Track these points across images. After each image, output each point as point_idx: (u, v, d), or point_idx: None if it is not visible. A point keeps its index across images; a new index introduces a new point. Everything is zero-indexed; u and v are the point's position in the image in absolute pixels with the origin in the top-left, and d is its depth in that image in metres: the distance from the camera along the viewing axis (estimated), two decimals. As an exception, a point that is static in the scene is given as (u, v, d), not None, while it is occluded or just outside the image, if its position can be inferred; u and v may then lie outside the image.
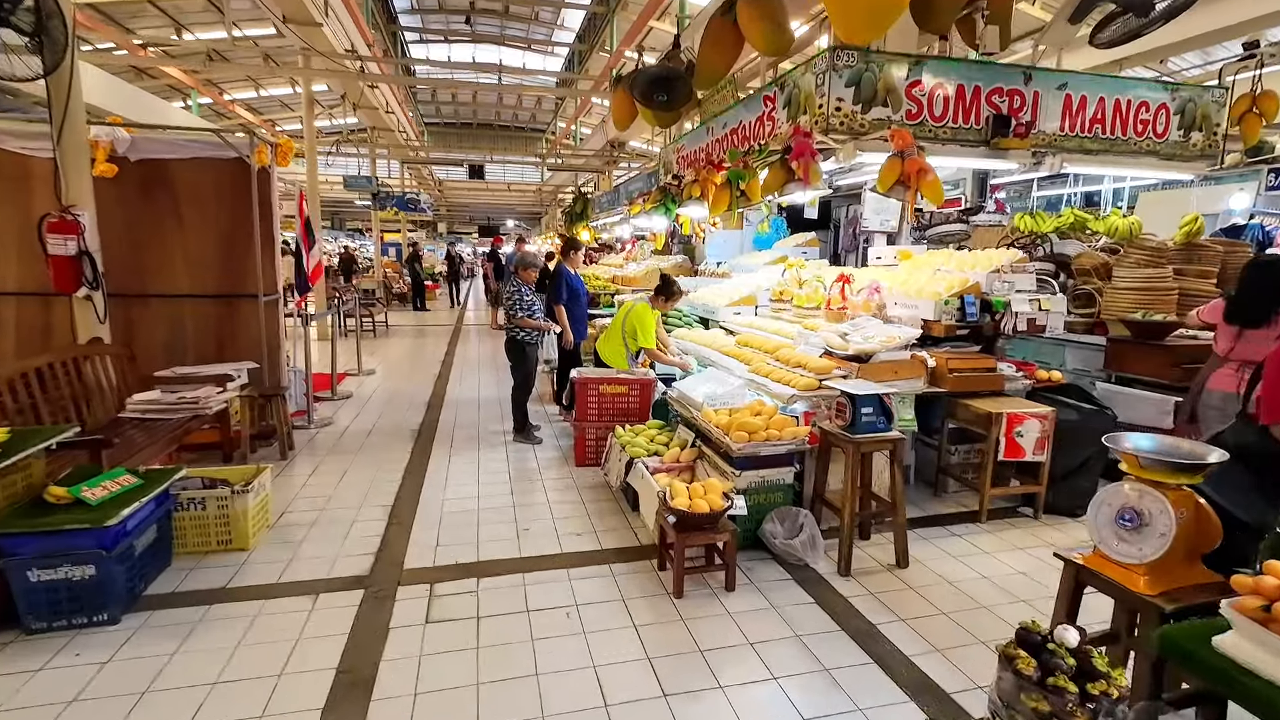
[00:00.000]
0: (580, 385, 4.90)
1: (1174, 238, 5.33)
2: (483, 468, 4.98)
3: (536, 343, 5.67)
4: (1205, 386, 3.68)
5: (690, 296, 6.96)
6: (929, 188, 3.66)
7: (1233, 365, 3.57)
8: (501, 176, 30.59)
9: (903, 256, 5.65)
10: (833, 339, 4.13)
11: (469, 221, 41.77)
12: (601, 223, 11.27)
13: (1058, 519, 4.20)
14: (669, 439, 4.43)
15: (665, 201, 6.00)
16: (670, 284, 5.31)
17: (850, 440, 3.34)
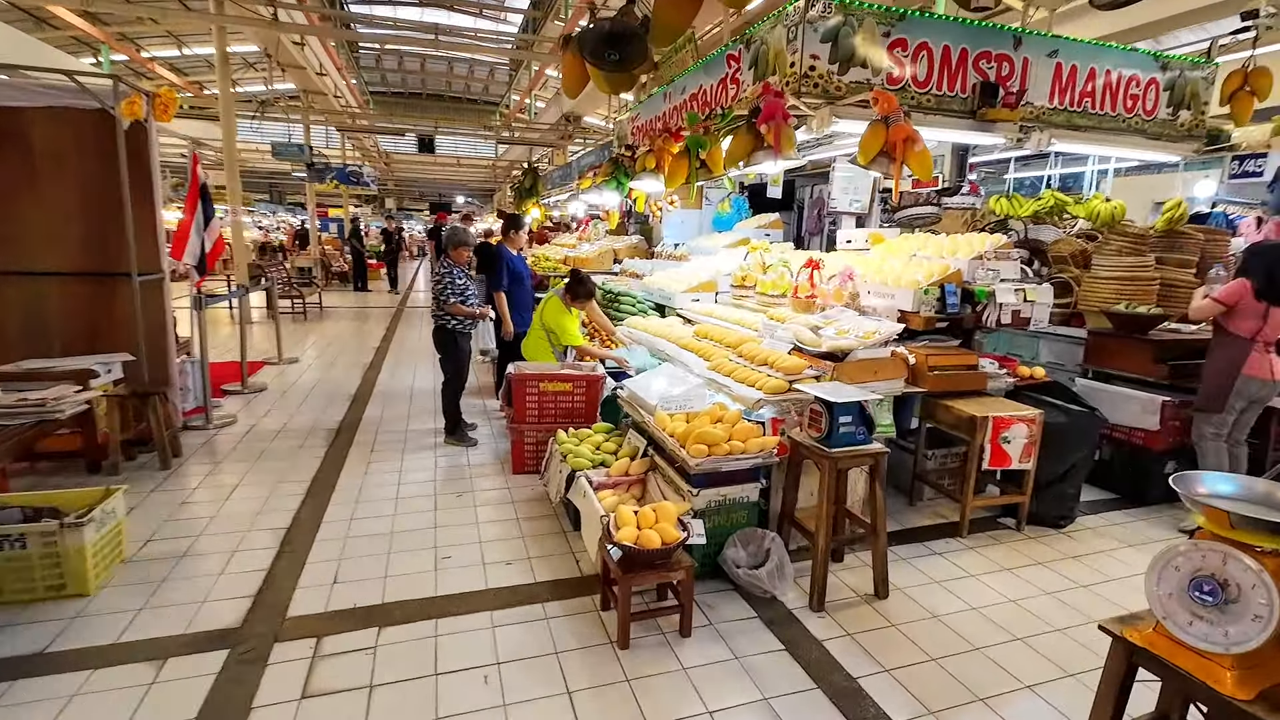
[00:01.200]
0: (517, 383, 4.29)
1: (1155, 224, 5.03)
2: (405, 477, 4.34)
3: (469, 332, 5.01)
4: (1243, 373, 3.64)
5: (645, 281, 6.39)
6: (917, 160, 3.16)
7: (1259, 348, 3.64)
8: (452, 150, 29.23)
9: (874, 240, 5.20)
10: (803, 333, 3.63)
11: (419, 198, 40.06)
12: (553, 200, 10.54)
13: (1041, 531, 3.84)
14: (618, 446, 3.88)
15: (616, 175, 5.38)
16: (580, 282, 4.79)
17: (826, 455, 2.85)
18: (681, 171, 3.79)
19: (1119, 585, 3.22)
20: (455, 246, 4.90)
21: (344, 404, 6.08)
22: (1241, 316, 3.61)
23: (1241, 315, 3.61)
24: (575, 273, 4.89)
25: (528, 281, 5.76)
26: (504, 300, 5.44)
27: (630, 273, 7.24)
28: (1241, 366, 3.64)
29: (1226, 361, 3.69)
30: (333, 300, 13.79)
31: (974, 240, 4.32)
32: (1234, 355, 3.67)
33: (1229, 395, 3.67)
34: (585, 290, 4.78)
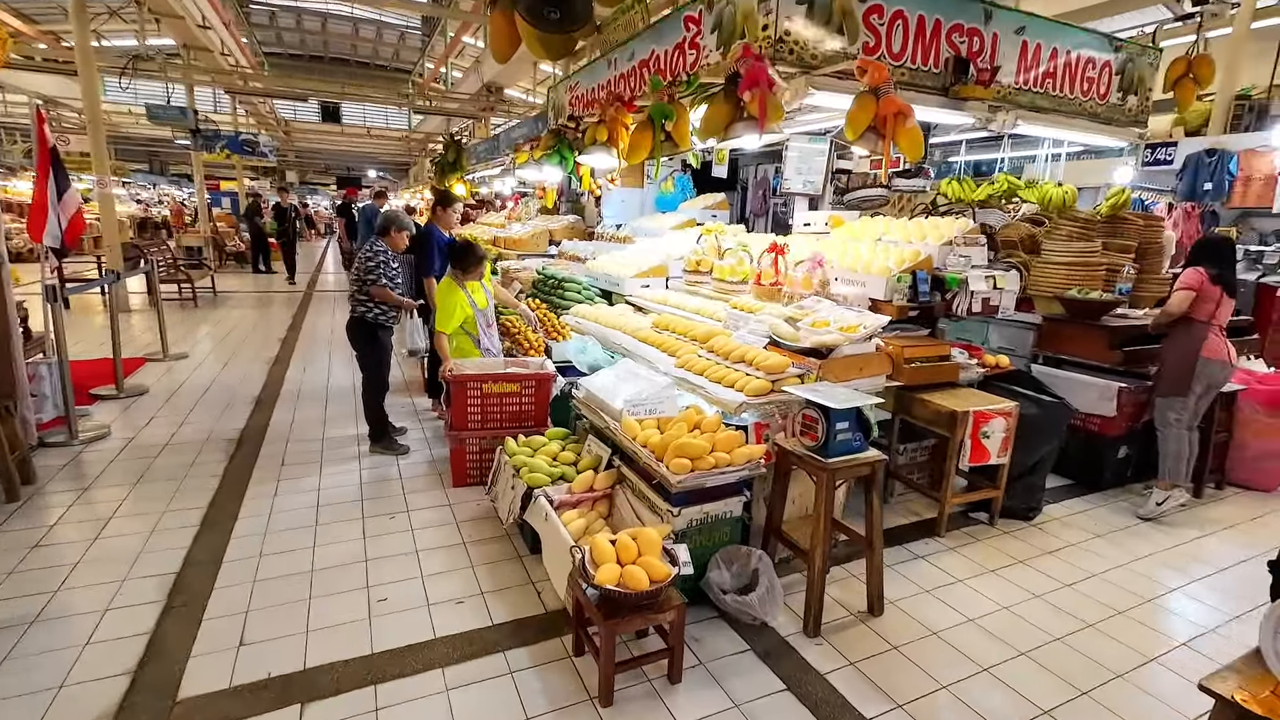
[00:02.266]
0: (456, 386, 3.77)
1: (1099, 209, 5.08)
2: (326, 497, 3.73)
3: (392, 325, 4.40)
4: (1201, 355, 3.72)
5: (590, 265, 5.93)
6: (908, 137, 2.89)
7: (1215, 330, 3.75)
8: (361, 121, 27.21)
9: (835, 223, 4.98)
10: (780, 326, 3.33)
11: (325, 171, 37.26)
12: (479, 175, 9.79)
13: (1012, 524, 3.76)
14: (577, 454, 3.46)
15: (559, 148, 4.87)
16: (468, 251, 4.13)
17: (822, 467, 2.56)
18: (643, 145, 3.35)
19: (1101, 583, 3.15)
20: (398, 230, 4.28)
21: (246, 408, 5.30)
22: (1204, 299, 3.71)
23: (1204, 298, 3.71)
24: (463, 243, 4.24)
25: None
26: (435, 287, 4.84)
27: (571, 256, 6.74)
28: (1200, 349, 3.72)
29: (1186, 345, 3.76)
30: (228, 284, 12.41)
31: (942, 225, 4.16)
32: (1193, 338, 3.75)
33: (1191, 378, 3.73)
34: (474, 258, 4.13)
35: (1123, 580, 3.18)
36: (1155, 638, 2.74)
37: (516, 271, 6.41)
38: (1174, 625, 2.84)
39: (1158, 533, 3.69)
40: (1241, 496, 4.26)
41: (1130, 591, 3.08)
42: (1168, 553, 3.47)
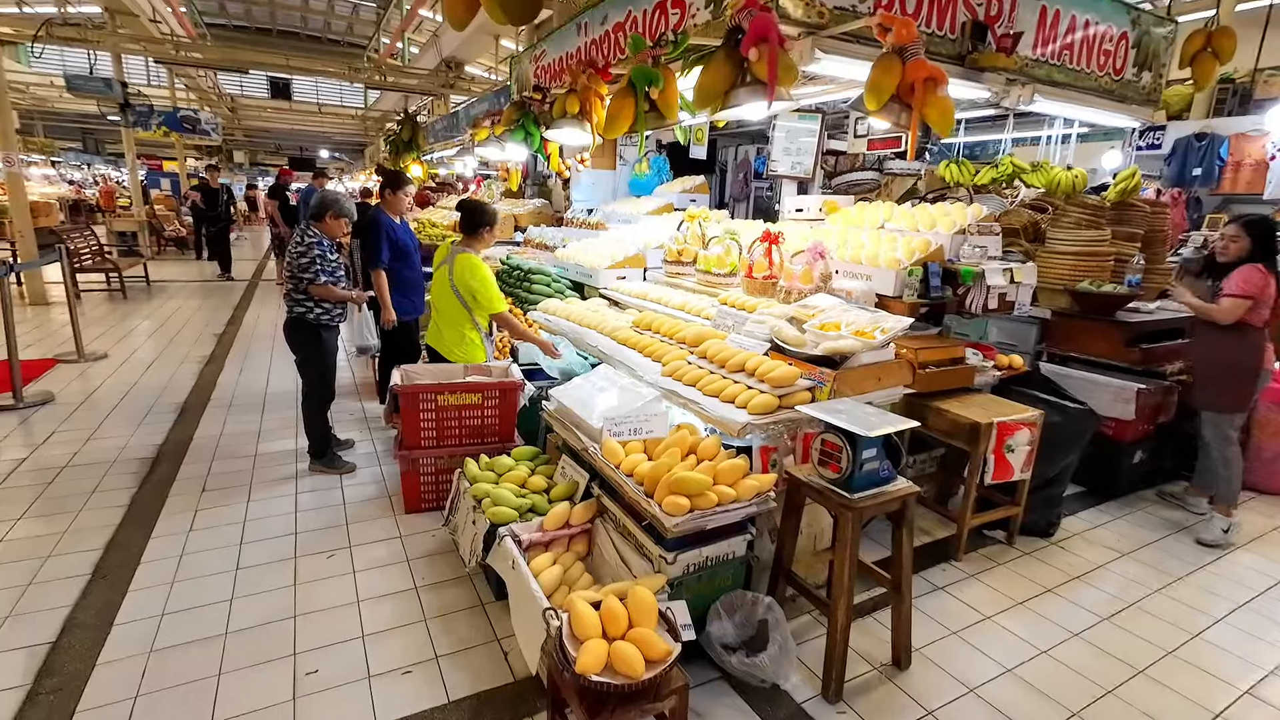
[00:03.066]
0: (406, 398, 3.23)
1: (1106, 195, 4.76)
2: (253, 530, 3.18)
3: (337, 324, 3.83)
4: (1264, 367, 3.45)
5: (559, 254, 5.40)
6: (938, 107, 2.45)
7: (1268, 336, 3.44)
8: (313, 98, 25.80)
9: (830, 209, 4.54)
10: (783, 329, 2.88)
11: (276, 152, 35.43)
12: (437, 155, 9.10)
13: (1031, 542, 3.42)
14: (548, 478, 2.97)
15: (523, 123, 4.31)
16: (482, 212, 3.65)
17: (847, 504, 2.13)
18: (623, 116, 2.84)
19: (1140, 614, 2.82)
20: (334, 216, 3.67)
21: (168, 417, 4.65)
22: (1257, 307, 3.30)
23: (1262, 305, 3.31)
24: (472, 203, 3.74)
25: (416, 256, 4.58)
26: (384, 280, 4.26)
27: (537, 243, 6.19)
28: (1262, 360, 3.43)
29: (1243, 355, 3.41)
30: (166, 272, 11.46)
31: (953, 211, 3.75)
32: (1252, 347, 3.41)
33: (1253, 391, 3.47)
34: (486, 219, 3.66)
35: (1162, 610, 2.85)
36: (1214, 686, 2.40)
37: (479, 261, 5.83)
38: (1229, 667, 2.51)
39: (1184, 548, 3.39)
40: (1257, 501, 4.01)
41: (1174, 625, 2.75)
42: (1201, 573, 3.17)
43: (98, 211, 16.70)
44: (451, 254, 3.63)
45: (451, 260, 3.59)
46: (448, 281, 3.59)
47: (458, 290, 3.58)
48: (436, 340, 3.75)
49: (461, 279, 3.54)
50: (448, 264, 3.61)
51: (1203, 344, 3.59)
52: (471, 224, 3.65)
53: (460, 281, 3.55)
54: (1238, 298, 3.27)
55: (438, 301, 3.73)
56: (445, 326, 3.70)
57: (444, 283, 3.63)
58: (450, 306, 3.66)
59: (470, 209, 3.68)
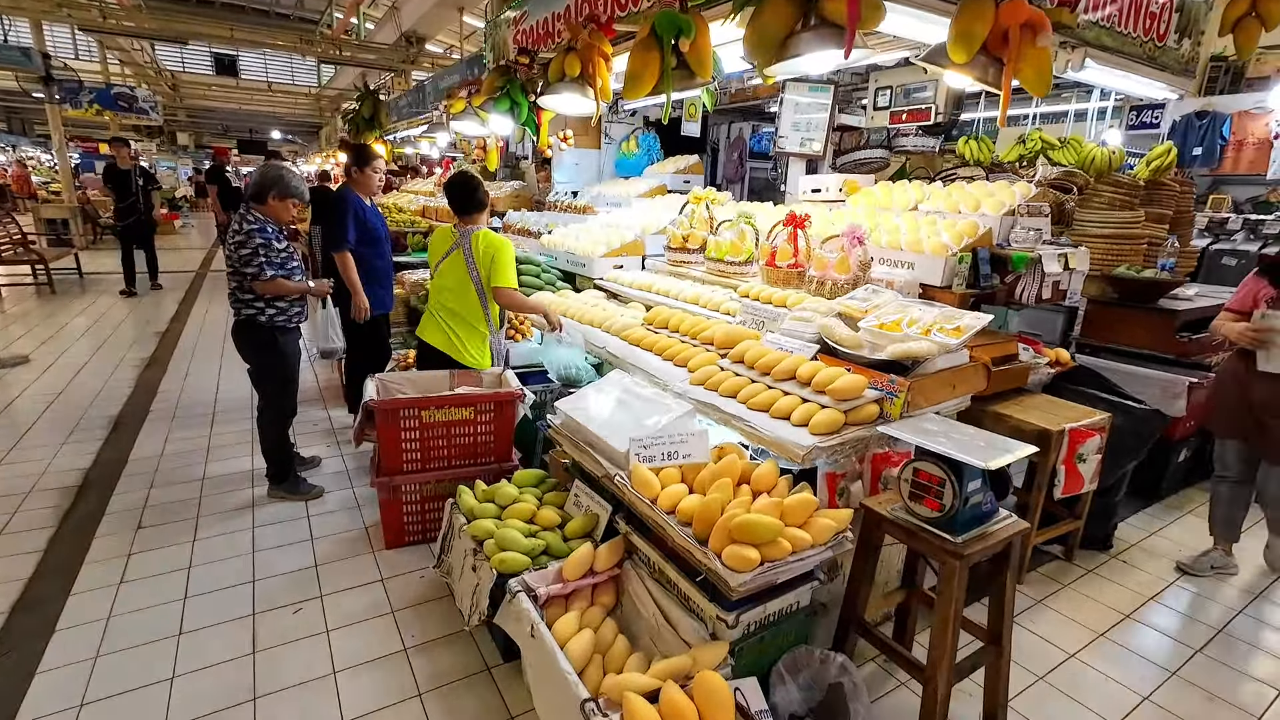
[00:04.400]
0: (384, 415, 2.71)
1: (1135, 172, 4.46)
2: (198, 582, 2.63)
3: (296, 325, 3.27)
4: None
5: (545, 242, 4.89)
6: (1036, 62, 2.03)
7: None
8: (262, 75, 24.32)
9: (850, 188, 4.13)
10: (834, 328, 2.46)
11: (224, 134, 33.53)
12: (401, 135, 8.40)
13: (1091, 556, 3.11)
14: (559, 506, 2.51)
15: (510, 91, 3.78)
16: (478, 189, 3.16)
17: (953, 550, 1.73)
18: (646, 73, 2.35)
19: (1232, 644, 2.51)
20: (276, 196, 3.06)
21: (99, 433, 4.02)
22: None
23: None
24: (463, 177, 3.20)
25: (386, 244, 4.02)
26: (350, 263, 3.69)
27: (520, 229, 5.65)
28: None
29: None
30: (101, 264, 10.48)
31: (997, 190, 3.38)
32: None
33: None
34: (483, 196, 3.19)
35: (1252, 634, 2.55)
36: (1343, 733, 2.10)
37: (455, 249, 5.27)
38: (1349, 707, 2.22)
39: (1249, 557, 3.11)
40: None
41: (1269, 653, 2.45)
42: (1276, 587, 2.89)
43: (21, 198, 15.36)
44: (464, 236, 3.10)
45: (467, 240, 3.07)
46: (464, 268, 3.06)
47: (478, 274, 3.07)
48: (447, 343, 3.17)
49: (486, 257, 3.05)
50: (461, 247, 3.08)
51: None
52: (473, 203, 3.14)
53: (484, 260, 3.05)
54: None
55: (450, 297, 3.14)
56: (459, 327, 3.16)
57: (459, 271, 3.08)
58: (466, 302, 3.13)
59: (468, 185, 3.14)
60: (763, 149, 6.49)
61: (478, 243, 3.06)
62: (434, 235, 3.29)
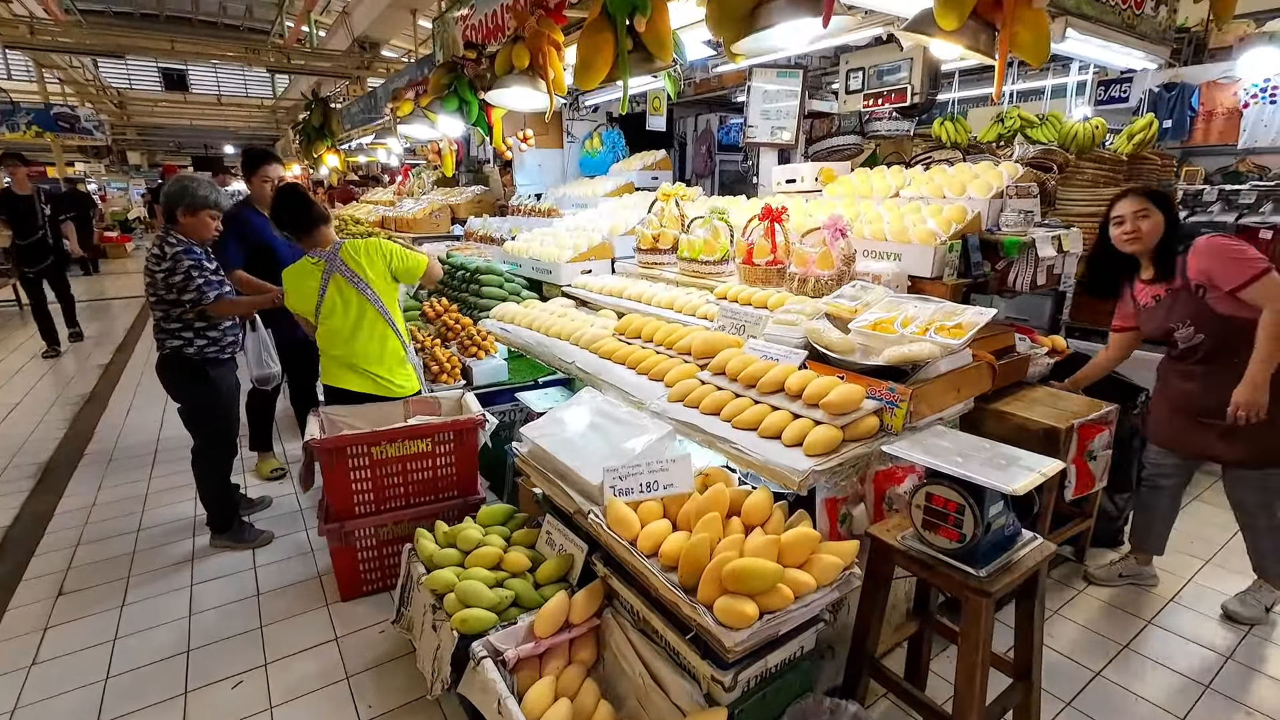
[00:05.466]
0: (327, 455, 2.42)
1: (1115, 146, 4.32)
2: (124, 656, 2.32)
3: (231, 355, 2.95)
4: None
5: (509, 248, 4.61)
6: (1033, 26, 1.82)
7: None
8: (214, 88, 23.54)
9: (826, 177, 3.92)
10: (822, 332, 2.23)
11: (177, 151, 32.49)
12: (355, 143, 8.04)
13: (1101, 555, 2.94)
14: (529, 548, 2.24)
15: (457, 89, 3.50)
16: (300, 204, 2.72)
17: (977, 588, 1.51)
18: (599, 59, 2.09)
19: (1263, 647, 2.34)
20: (184, 212, 2.72)
21: (24, 484, 3.66)
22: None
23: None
24: (284, 201, 2.75)
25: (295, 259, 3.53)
26: (246, 278, 3.29)
27: (481, 236, 5.37)
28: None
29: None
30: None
31: (983, 172, 3.19)
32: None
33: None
34: (312, 215, 2.71)
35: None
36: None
37: (413, 261, 4.96)
38: (1397, 712, 2.05)
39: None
40: None
41: (1305, 655, 2.29)
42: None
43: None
44: (331, 258, 2.65)
45: (338, 261, 2.64)
46: (355, 293, 2.65)
47: (373, 292, 2.68)
48: (374, 386, 2.76)
49: (376, 261, 2.68)
50: (336, 272, 2.63)
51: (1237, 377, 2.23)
52: (314, 214, 2.72)
53: (376, 267, 2.68)
54: (1264, 274, 2.12)
55: (351, 338, 2.70)
56: (377, 367, 2.75)
57: (350, 300, 2.66)
58: (375, 332, 2.72)
59: (300, 197, 2.75)
60: (731, 141, 6.27)
61: (355, 255, 2.66)
62: (287, 278, 2.69)
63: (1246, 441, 2.26)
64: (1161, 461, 2.63)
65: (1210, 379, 2.32)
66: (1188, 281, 2.30)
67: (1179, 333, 2.37)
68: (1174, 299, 2.36)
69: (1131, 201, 2.42)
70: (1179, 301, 2.34)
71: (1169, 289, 2.39)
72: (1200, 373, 2.36)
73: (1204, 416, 2.36)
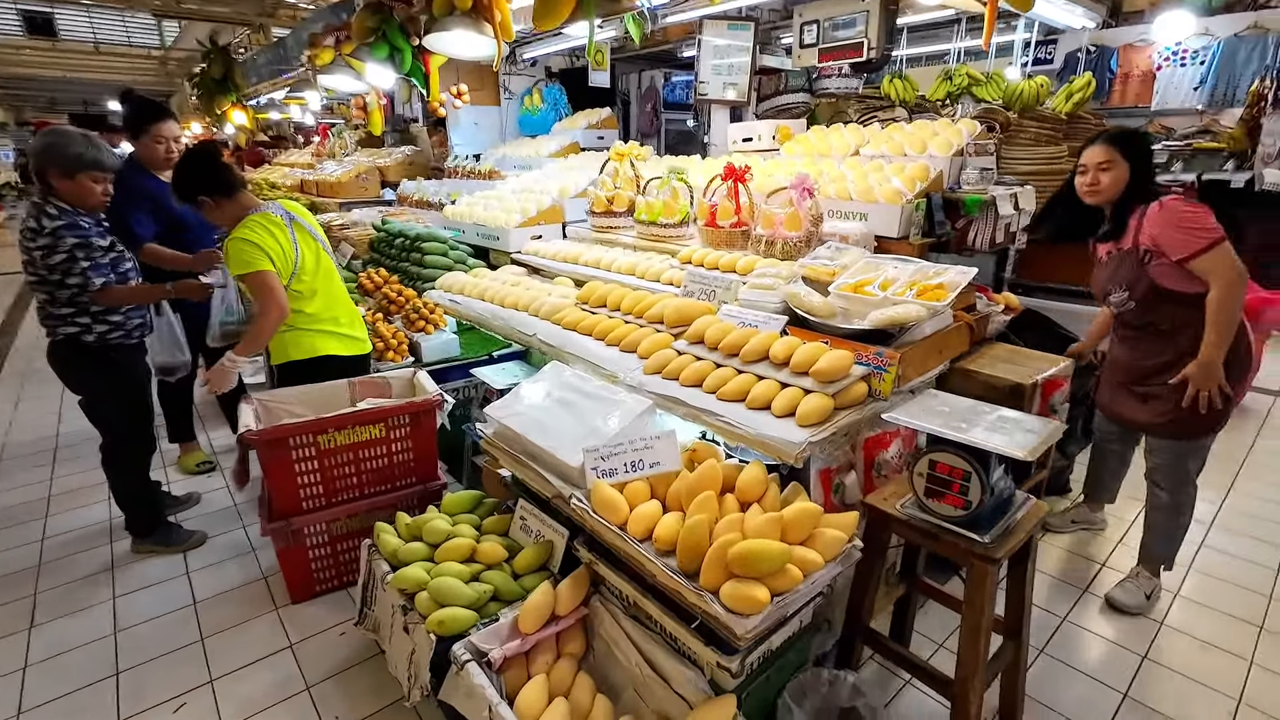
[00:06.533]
0: (268, 448, 2.17)
1: (1054, 106, 4.41)
2: (38, 685, 2.04)
3: (138, 338, 2.60)
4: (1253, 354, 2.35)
5: (450, 213, 4.31)
6: (1023, -31, 1.72)
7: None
8: (88, 35, 20.96)
9: (783, 135, 3.82)
10: (803, 296, 2.15)
11: (51, 107, 29.01)
12: (265, 98, 7.31)
13: (1055, 502, 3.07)
14: (502, 535, 2.10)
15: (386, 33, 3.15)
16: (224, 164, 2.37)
17: (983, 554, 1.48)
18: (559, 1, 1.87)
19: (1204, 581, 2.50)
20: (57, 174, 2.31)
21: (-105, 495, 3.18)
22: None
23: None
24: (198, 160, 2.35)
25: (203, 228, 3.03)
26: (159, 250, 2.88)
27: (417, 201, 5.00)
28: (1251, 343, 2.28)
29: (1242, 337, 2.19)
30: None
31: (943, 129, 3.16)
32: (1247, 345, 2.24)
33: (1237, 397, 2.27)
34: (235, 176, 2.38)
35: (1219, 566, 2.56)
36: (1325, 664, 2.10)
37: (342, 229, 4.58)
38: (1322, 633, 2.23)
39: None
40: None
41: (1248, 573, 2.46)
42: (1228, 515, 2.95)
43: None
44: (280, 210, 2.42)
45: (293, 216, 2.45)
46: (317, 246, 2.51)
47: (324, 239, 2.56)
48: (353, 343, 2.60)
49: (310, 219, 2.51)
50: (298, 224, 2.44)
51: (1172, 334, 2.19)
52: (233, 174, 2.39)
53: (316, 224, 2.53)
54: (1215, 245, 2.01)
55: (324, 283, 2.51)
56: (347, 304, 2.62)
57: (316, 252, 2.49)
58: (338, 279, 2.61)
59: (214, 155, 2.39)
60: (677, 99, 6.07)
61: (298, 212, 2.48)
62: (261, 239, 2.26)
63: (1163, 410, 2.21)
64: (1108, 428, 2.67)
65: (1138, 345, 2.29)
66: (1136, 245, 2.16)
67: (1114, 296, 2.28)
68: (1120, 260, 2.24)
69: (1098, 150, 2.20)
70: (1123, 264, 2.22)
71: (1118, 248, 2.26)
72: (1131, 338, 2.33)
73: (1130, 383, 2.35)
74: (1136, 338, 2.31)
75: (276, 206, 2.38)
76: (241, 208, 2.33)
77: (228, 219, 2.32)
